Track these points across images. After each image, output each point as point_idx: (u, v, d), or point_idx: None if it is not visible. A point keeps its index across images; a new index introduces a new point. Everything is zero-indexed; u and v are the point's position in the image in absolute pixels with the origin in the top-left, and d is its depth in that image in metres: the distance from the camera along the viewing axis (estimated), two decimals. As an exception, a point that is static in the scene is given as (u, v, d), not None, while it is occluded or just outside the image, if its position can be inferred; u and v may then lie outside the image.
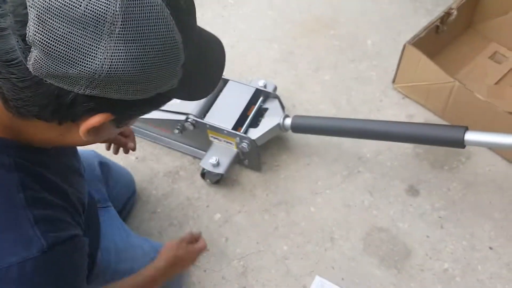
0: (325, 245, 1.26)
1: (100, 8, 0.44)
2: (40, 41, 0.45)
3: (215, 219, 1.32)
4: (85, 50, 0.45)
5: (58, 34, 0.45)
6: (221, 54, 0.63)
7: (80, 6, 0.44)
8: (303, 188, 1.36)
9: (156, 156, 1.46)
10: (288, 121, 1.30)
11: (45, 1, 0.44)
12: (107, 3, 0.44)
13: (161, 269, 0.97)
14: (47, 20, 0.44)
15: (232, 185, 1.38)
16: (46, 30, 0.44)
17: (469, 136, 1.06)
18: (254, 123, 1.34)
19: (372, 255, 1.24)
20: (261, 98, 1.38)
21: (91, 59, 0.46)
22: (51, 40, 0.45)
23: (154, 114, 1.35)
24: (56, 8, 0.44)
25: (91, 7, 0.44)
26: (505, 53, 1.54)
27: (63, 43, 0.45)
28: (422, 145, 1.41)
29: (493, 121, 1.27)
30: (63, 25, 0.44)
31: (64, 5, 0.44)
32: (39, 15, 0.44)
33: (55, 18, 0.44)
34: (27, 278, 0.56)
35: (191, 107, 1.35)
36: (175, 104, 1.38)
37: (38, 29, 0.44)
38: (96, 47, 0.45)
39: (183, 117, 1.33)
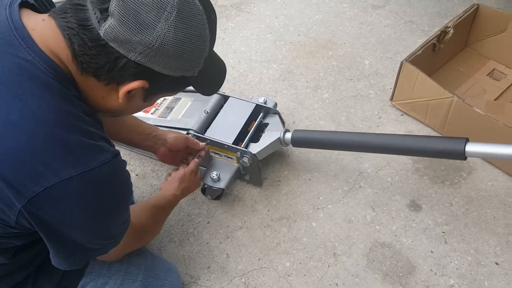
0: (328, 261, 1.23)
1: (164, 0, 0.63)
2: (118, 12, 0.63)
3: (215, 235, 1.30)
4: (148, 24, 0.64)
5: (132, 10, 0.63)
6: (224, 66, 0.84)
7: None
8: (305, 203, 1.35)
9: (156, 173, 1.45)
10: (288, 135, 1.30)
11: None
12: None
13: (178, 196, 1.14)
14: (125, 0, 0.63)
15: (233, 200, 1.37)
16: (124, 6, 0.63)
17: (470, 147, 1.06)
18: (255, 138, 1.34)
19: (376, 271, 1.21)
20: (261, 114, 1.39)
21: (151, 32, 0.64)
22: (126, 13, 0.63)
23: (155, 130, 1.35)
24: None
25: None
26: (503, 70, 1.56)
27: (134, 16, 0.63)
28: (421, 161, 1.41)
29: (493, 135, 1.27)
30: (136, 5, 0.63)
31: None
32: None
33: None
34: (105, 178, 0.69)
35: (192, 123, 1.36)
36: (176, 120, 1.39)
37: (118, 4, 0.63)
38: (156, 25, 0.64)
39: (183, 132, 1.34)
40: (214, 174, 1.29)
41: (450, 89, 1.37)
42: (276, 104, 1.48)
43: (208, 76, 0.77)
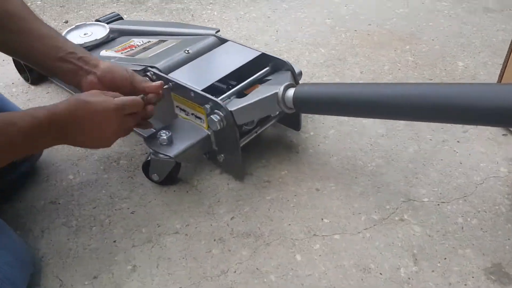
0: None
1: None
2: None
3: (133, 233, 0.76)
4: None
5: None
6: None
7: None
8: (296, 221, 0.77)
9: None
10: (290, 92, 0.77)
11: None
12: None
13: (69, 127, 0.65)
14: None
15: (187, 192, 0.84)
16: None
17: None
18: (244, 94, 0.83)
19: None
20: (267, 68, 0.88)
21: None
22: None
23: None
24: None
25: None
26: None
27: None
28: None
29: None
30: None
31: None
32: None
33: None
34: None
35: (160, 61, 0.89)
36: (143, 58, 0.92)
37: None
38: None
39: (139, 68, 0.87)
40: (163, 134, 0.79)
41: None
42: (300, 73, 0.96)
43: None
